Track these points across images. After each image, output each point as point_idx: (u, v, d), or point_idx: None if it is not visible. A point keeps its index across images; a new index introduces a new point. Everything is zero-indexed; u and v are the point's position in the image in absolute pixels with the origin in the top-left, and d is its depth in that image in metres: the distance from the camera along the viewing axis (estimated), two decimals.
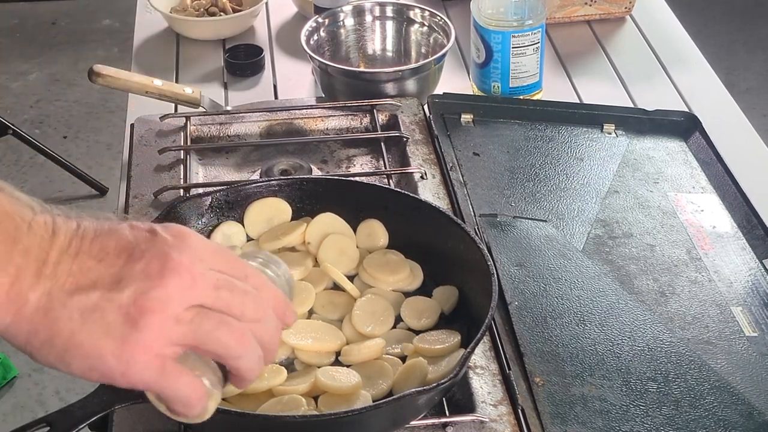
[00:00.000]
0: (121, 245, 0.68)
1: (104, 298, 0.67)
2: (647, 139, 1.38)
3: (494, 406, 0.97)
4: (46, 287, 0.67)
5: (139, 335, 0.67)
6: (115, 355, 0.67)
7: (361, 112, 1.39)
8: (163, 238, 0.69)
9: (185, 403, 0.71)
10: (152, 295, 0.67)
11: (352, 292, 1.06)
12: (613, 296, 1.10)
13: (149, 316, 0.67)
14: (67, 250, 0.67)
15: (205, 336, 0.69)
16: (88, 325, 0.67)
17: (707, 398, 0.98)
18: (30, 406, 2.30)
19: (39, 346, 0.67)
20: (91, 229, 0.69)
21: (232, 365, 0.72)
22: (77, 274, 0.67)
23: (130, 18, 1.76)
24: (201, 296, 0.69)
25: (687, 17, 1.88)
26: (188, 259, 0.69)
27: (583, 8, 1.67)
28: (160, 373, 0.68)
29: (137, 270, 0.67)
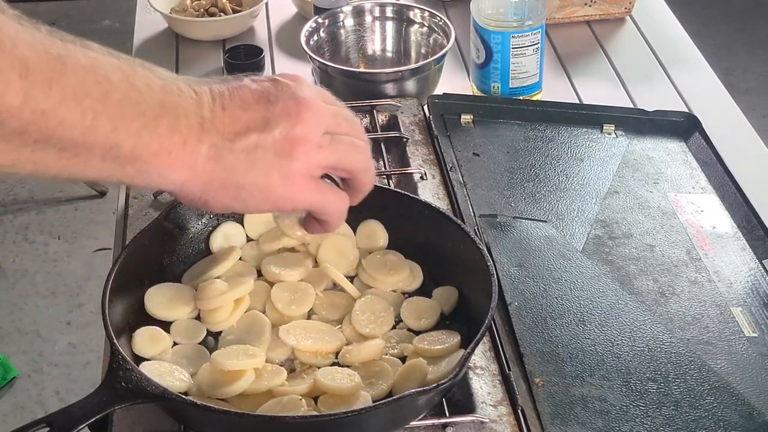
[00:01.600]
0: (256, 94, 0.79)
1: (260, 138, 0.78)
2: (647, 139, 1.38)
3: (494, 406, 0.97)
4: (211, 139, 0.77)
5: (296, 163, 0.80)
6: (282, 183, 0.80)
7: (361, 113, 1.39)
8: (285, 83, 0.81)
9: (338, 212, 0.87)
10: (298, 129, 0.80)
11: (352, 293, 1.06)
12: (613, 297, 1.10)
13: (299, 146, 0.80)
14: (215, 105, 0.77)
15: (343, 156, 0.83)
16: (254, 163, 0.78)
17: (707, 399, 0.98)
18: (30, 407, 2.30)
19: (214, 192, 0.79)
20: (223, 86, 0.79)
21: (360, 178, 0.87)
22: (231, 124, 0.78)
23: (130, 18, 1.76)
24: (329, 124, 0.82)
25: (687, 17, 1.88)
26: (312, 96, 0.81)
27: (582, 9, 1.67)
28: (316, 191, 0.83)
29: (278, 111, 0.79)
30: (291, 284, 1.06)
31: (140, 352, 0.98)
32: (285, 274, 1.06)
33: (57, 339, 2.49)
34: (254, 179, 0.79)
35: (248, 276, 1.05)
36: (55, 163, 0.72)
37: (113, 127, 0.72)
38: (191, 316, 1.03)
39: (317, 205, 0.85)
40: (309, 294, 1.04)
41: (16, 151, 0.69)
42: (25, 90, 0.67)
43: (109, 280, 0.97)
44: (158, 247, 1.06)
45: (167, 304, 1.02)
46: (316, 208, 0.85)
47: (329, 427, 0.88)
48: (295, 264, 1.07)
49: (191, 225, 1.09)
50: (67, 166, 0.72)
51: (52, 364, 2.42)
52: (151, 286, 1.03)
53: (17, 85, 0.66)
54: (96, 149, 0.72)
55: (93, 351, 2.43)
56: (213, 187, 0.79)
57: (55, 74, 0.68)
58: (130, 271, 1.00)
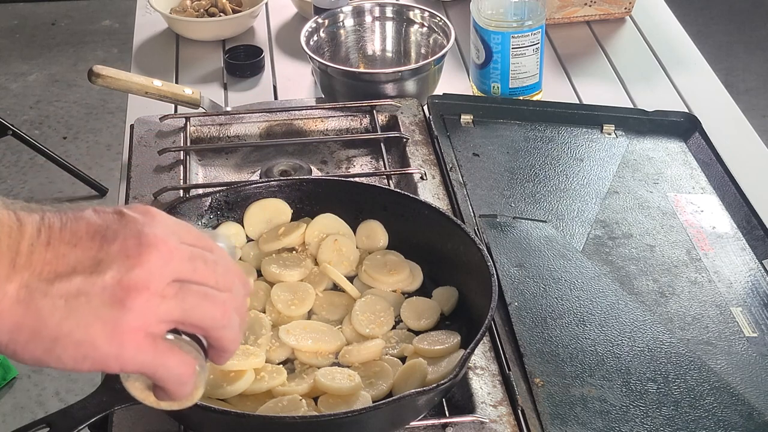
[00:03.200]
0: (92, 229, 0.67)
1: (87, 282, 0.65)
2: (647, 139, 1.38)
3: (494, 406, 0.97)
4: (23, 278, 0.65)
5: (129, 315, 0.66)
6: (107, 339, 0.65)
7: (361, 113, 1.39)
8: (132, 216, 0.68)
9: (179, 381, 0.70)
10: (135, 274, 0.66)
11: (352, 293, 1.06)
12: (613, 297, 1.10)
13: (135, 294, 0.66)
14: (38, 239, 0.66)
15: (190, 310, 0.69)
16: (74, 311, 0.65)
17: (707, 399, 0.98)
18: (30, 407, 2.30)
19: (24, 341, 0.66)
20: (56, 217, 0.67)
21: (217, 336, 0.71)
22: (53, 262, 0.66)
23: (130, 19, 1.76)
24: (179, 269, 0.68)
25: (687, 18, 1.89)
26: (162, 234, 0.68)
27: (582, 9, 1.67)
28: (152, 353, 0.67)
29: (114, 250, 0.66)
30: (291, 284, 1.06)
31: None
32: (285, 274, 1.06)
33: None
34: (72, 332, 0.65)
35: (248, 276, 1.05)
36: None
37: None
38: None
39: (150, 369, 0.68)
40: (309, 294, 1.04)
41: None
42: None
43: None
44: None
45: None
46: (150, 373, 0.69)
47: (329, 427, 0.88)
48: (295, 264, 1.08)
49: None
50: None
51: None
52: None
53: None
54: None
55: None
56: (23, 335, 0.65)
57: None
58: None
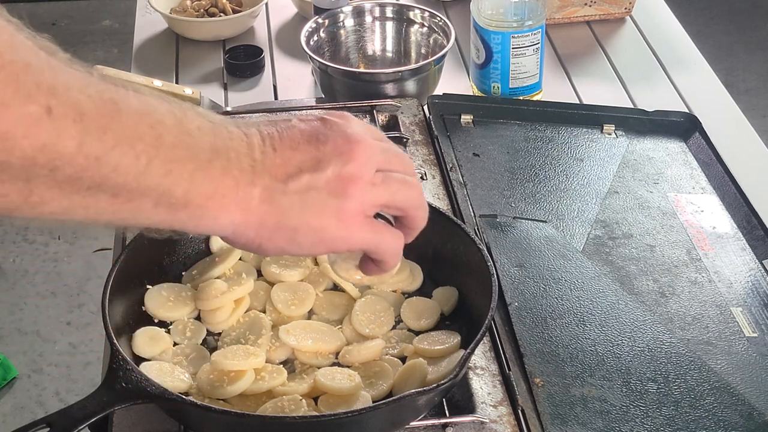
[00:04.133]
0: (305, 134, 0.78)
1: (313, 178, 0.77)
2: (647, 139, 1.38)
3: (494, 406, 0.97)
4: (263, 181, 0.75)
5: (350, 202, 0.78)
6: (337, 223, 0.78)
7: (361, 113, 1.39)
8: (334, 121, 0.79)
9: (394, 252, 0.83)
10: (350, 167, 0.78)
11: (352, 293, 1.06)
12: (613, 297, 1.10)
13: (352, 185, 0.78)
14: (265, 147, 0.76)
15: (395, 193, 0.81)
16: (307, 204, 0.77)
17: (707, 399, 0.98)
18: (30, 407, 2.30)
19: (269, 234, 0.77)
20: (272, 128, 0.78)
21: (414, 215, 0.84)
22: (283, 165, 0.76)
23: (130, 19, 1.76)
24: (379, 160, 0.80)
25: (687, 18, 1.89)
26: (361, 133, 0.79)
27: (582, 9, 1.67)
28: (371, 230, 0.80)
29: (329, 150, 0.77)
30: (291, 284, 1.06)
31: (140, 352, 0.98)
32: (285, 274, 1.06)
33: (57, 339, 2.49)
34: (308, 221, 0.77)
35: (248, 276, 1.05)
36: (106, 209, 0.70)
37: (166, 171, 0.70)
38: (191, 316, 1.03)
39: (373, 245, 0.82)
40: (309, 294, 1.04)
41: (68, 198, 0.67)
42: (80, 136, 0.65)
43: (109, 280, 0.97)
44: (158, 247, 1.06)
45: (167, 304, 1.02)
46: (372, 248, 0.82)
47: (329, 427, 0.88)
48: (295, 264, 1.07)
49: None
50: (118, 212, 0.70)
51: (52, 365, 2.42)
52: (151, 286, 1.03)
53: (72, 130, 0.64)
54: (149, 194, 0.70)
55: (93, 351, 2.43)
56: (267, 230, 0.77)
57: (109, 119, 0.67)
58: (130, 271, 1.00)
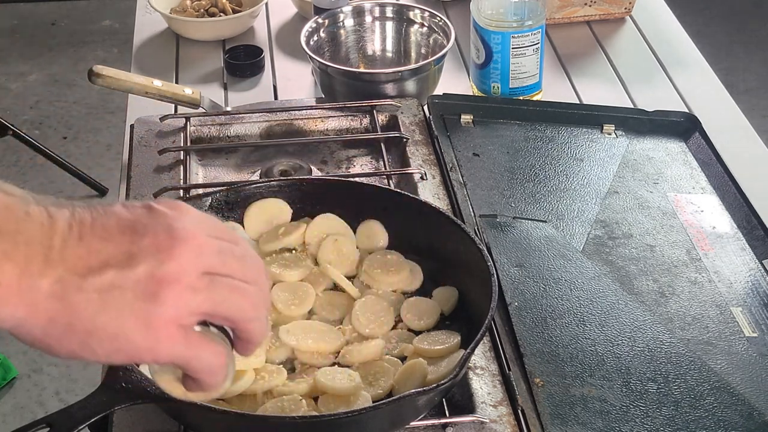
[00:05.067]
0: (123, 223, 0.68)
1: (119, 276, 0.66)
2: (647, 139, 1.38)
3: (494, 406, 0.97)
4: (57, 273, 0.66)
5: (162, 308, 0.67)
6: (141, 332, 0.67)
7: (361, 113, 1.39)
8: (161, 210, 0.69)
9: (211, 371, 0.72)
10: (167, 267, 0.67)
11: (352, 293, 1.06)
12: (613, 297, 1.10)
13: (168, 288, 0.67)
14: (70, 234, 0.66)
15: (221, 303, 0.70)
16: (108, 305, 0.66)
17: (707, 399, 0.98)
18: (30, 407, 2.30)
19: (59, 335, 0.67)
20: (86, 212, 0.68)
21: (245, 328, 0.73)
22: (86, 257, 0.66)
23: (130, 19, 1.76)
24: (209, 263, 0.69)
25: (686, 18, 1.89)
26: (191, 228, 0.69)
27: (582, 9, 1.67)
28: (185, 344, 0.69)
29: (146, 244, 0.67)
30: (291, 284, 1.06)
31: None
32: (285, 274, 1.06)
33: None
34: (105, 325, 0.66)
35: None
36: None
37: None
38: None
39: (183, 360, 0.70)
40: (309, 294, 1.04)
41: None
42: None
43: None
44: None
45: None
46: (183, 364, 0.71)
47: (329, 427, 0.88)
48: (295, 264, 1.07)
49: None
50: None
51: (52, 364, 2.42)
52: None
53: None
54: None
55: None
56: (57, 330, 0.66)
57: None
58: None
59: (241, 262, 0.72)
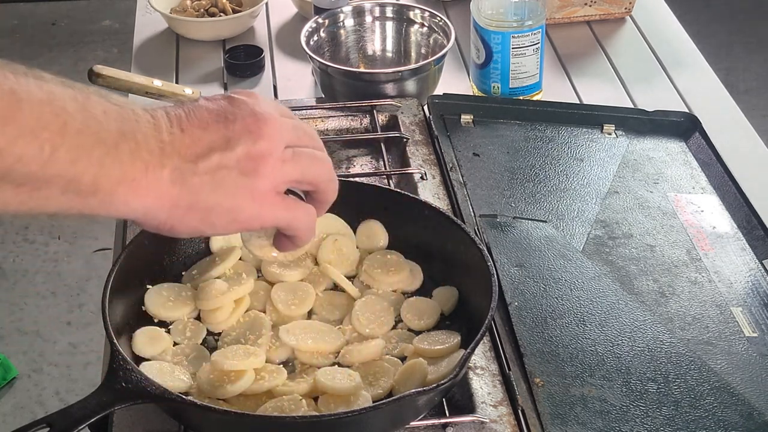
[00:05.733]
0: (213, 114, 0.78)
1: (223, 157, 0.77)
2: (647, 139, 1.38)
3: (494, 406, 0.97)
4: (173, 162, 0.75)
5: (262, 180, 0.78)
6: (250, 202, 0.78)
7: (361, 113, 1.39)
8: (242, 99, 0.79)
9: (307, 226, 0.84)
10: (260, 145, 0.78)
11: (352, 293, 1.05)
12: (613, 297, 1.10)
13: (263, 162, 0.78)
14: (172, 129, 0.76)
15: (306, 169, 0.81)
16: (219, 183, 0.77)
17: (707, 399, 0.98)
18: (30, 407, 2.30)
19: (181, 215, 0.77)
20: (179, 110, 0.78)
21: (325, 189, 0.85)
22: (192, 145, 0.76)
23: (130, 19, 1.76)
24: (289, 138, 0.80)
25: (687, 17, 1.89)
26: (269, 110, 0.80)
27: (582, 9, 1.67)
28: (284, 207, 0.81)
29: (238, 128, 0.78)
30: (291, 284, 1.06)
31: (140, 352, 0.98)
32: (285, 274, 1.06)
33: (57, 339, 2.49)
34: (221, 200, 0.77)
35: (248, 276, 1.05)
36: (12, 199, 0.69)
37: (73, 159, 0.70)
38: (191, 316, 1.03)
39: (285, 221, 0.82)
40: (309, 294, 1.04)
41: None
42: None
43: (109, 280, 0.97)
44: (158, 247, 1.06)
45: (167, 304, 1.02)
46: (285, 224, 0.83)
47: (329, 427, 0.88)
48: (295, 264, 1.07)
49: None
50: (26, 201, 0.70)
51: (52, 364, 2.42)
52: (151, 286, 1.03)
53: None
54: (56, 183, 0.70)
55: (93, 351, 2.43)
56: (179, 212, 0.76)
57: (10, 110, 0.66)
58: (130, 271, 1.00)
59: (310, 135, 0.84)
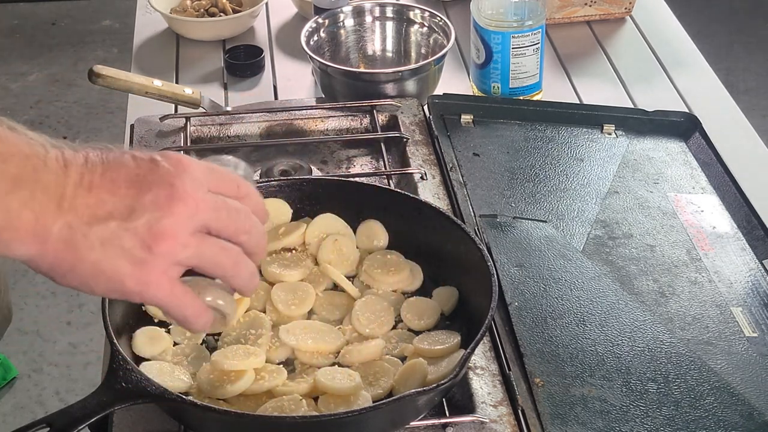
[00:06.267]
0: (129, 178, 0.75)
1: (121, 227, 0.74)
2: (647, 139, 1.38)
3: (494, 406, 0.97)
4: (66, 220, 0.73)
5: (154, 259, 0.75)
6: (134, 278, 0.75)
7: (361, 113, 1.39)
8: (166, 167, 0.76)
9: (185, 320, 0.80)
10: (164, 224, 0.75)
11: (352, 293, 1.05)
12: (613, 297, 1.10)
13: (162, 242, 0.75)
14: (81, 184, 0.74)
15: (206, 260, 0.78)
16: (108, 252, 0.74)
17: (707, 399, 0.98)
18: (30, 407, 2.30)
19: (63, 273, 0.75)
20: (99, 161, 0.75)
21: (229, 283, 0.82)
22: (93, 207, 0.74)
23: (130, 19, 1.76)
24: (204, 219, 0.77)
25: (686, 17, 1.88)
26: (191, 186, 0.76)
27: (582, 9, 1.67)
28: (169, 294, 0.77)
29: (148, 200, 0.75)
30: (291, 284, 1.06)
31: (140, 352, 0.98)
32: (285, 274, 1.06)
33: (57, 339, 2.49)
34: (104, 269, 0.75)
35: None
36: None
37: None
38: None
39: (167, 307, 0.79)
40: (309, 294, 1.04)
41: None
42: None
43: None
44: None
45: None
46: (167, 310, 0.80)
47: (329, 427, 0.88)
48: (295, 264, 1.07)
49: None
50: None
51: (52, 364, 2.42)
52: None
53: None
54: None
55: (93, 351, 2.43)
56: (62, 269, 0.75)
57: None
58: None
59: (236, 217, 0.80)
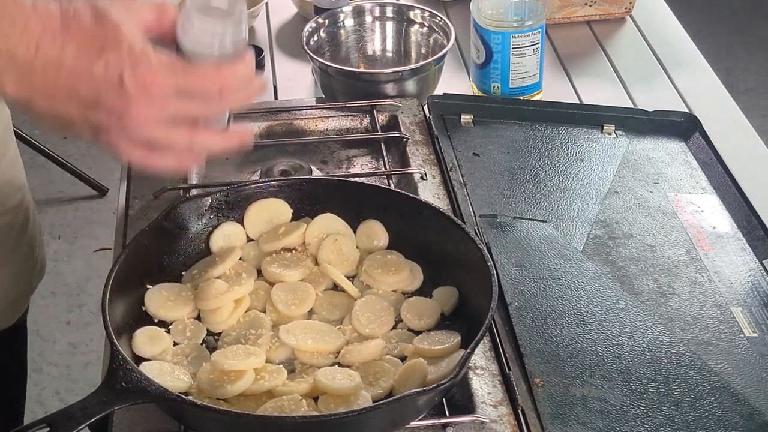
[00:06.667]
0: (90, 83, 0.83)
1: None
2: (647, 139, 1.38)
3: (494, 406, 0.97)
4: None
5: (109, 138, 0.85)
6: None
7: (361, 113, 1.39)
8: (124, 60, 0.83)
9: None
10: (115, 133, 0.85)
11: (352, 293, 1.06)
12: (613, 297, 1.10)
13: (107, 137, 0.85)
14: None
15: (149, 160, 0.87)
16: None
17: (707, 399, 0.98)
18: (30, 407, 2.29)
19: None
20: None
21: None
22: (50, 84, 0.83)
23: None
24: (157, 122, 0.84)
25: (686, 17, 1.88)
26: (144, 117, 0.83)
27: (583, 9, 1.67)
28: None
29: (103, 117, 0.83)
30: (291, 284, 1.06)
31: (140, 352, 0.98)
32: (285, 274, 1.06)
33: (57, 339, 2.49)
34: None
35: (248, 276, 1.05)
36: None
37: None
38: (191, 316, 1.03)
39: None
40: (309, 294, 1.04)
41: None
42: None
43: (109, 280, 0.97)
44: (158, 247, 1.06)
45: (167, 304, 1.02)
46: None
47: (329, 427, 0.88)
48: (295, 264, 1.08)
49: (191, 225, 1.09)
50: None
51: (52, 364, 2.42)
52: (151, 286, 1.03)
53: None
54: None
55: (93, 351, 2.43)
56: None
57: None
58: (130, 271, 1.01)
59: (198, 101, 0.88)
